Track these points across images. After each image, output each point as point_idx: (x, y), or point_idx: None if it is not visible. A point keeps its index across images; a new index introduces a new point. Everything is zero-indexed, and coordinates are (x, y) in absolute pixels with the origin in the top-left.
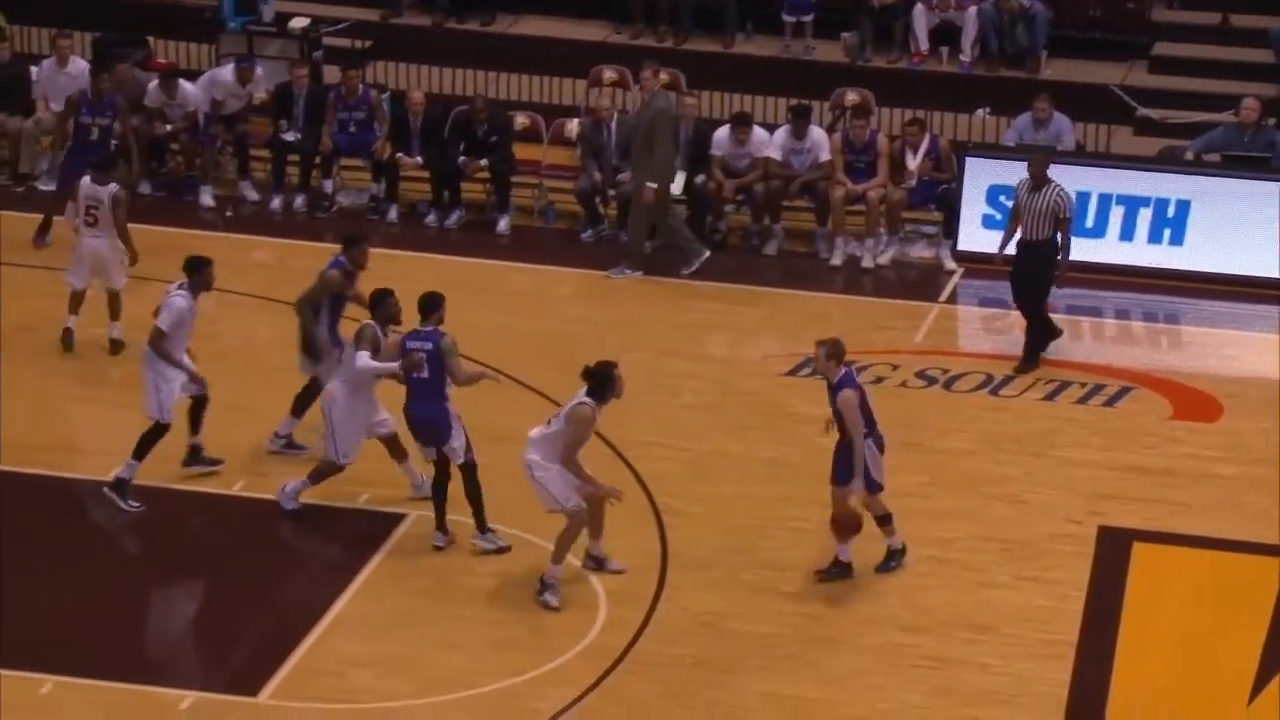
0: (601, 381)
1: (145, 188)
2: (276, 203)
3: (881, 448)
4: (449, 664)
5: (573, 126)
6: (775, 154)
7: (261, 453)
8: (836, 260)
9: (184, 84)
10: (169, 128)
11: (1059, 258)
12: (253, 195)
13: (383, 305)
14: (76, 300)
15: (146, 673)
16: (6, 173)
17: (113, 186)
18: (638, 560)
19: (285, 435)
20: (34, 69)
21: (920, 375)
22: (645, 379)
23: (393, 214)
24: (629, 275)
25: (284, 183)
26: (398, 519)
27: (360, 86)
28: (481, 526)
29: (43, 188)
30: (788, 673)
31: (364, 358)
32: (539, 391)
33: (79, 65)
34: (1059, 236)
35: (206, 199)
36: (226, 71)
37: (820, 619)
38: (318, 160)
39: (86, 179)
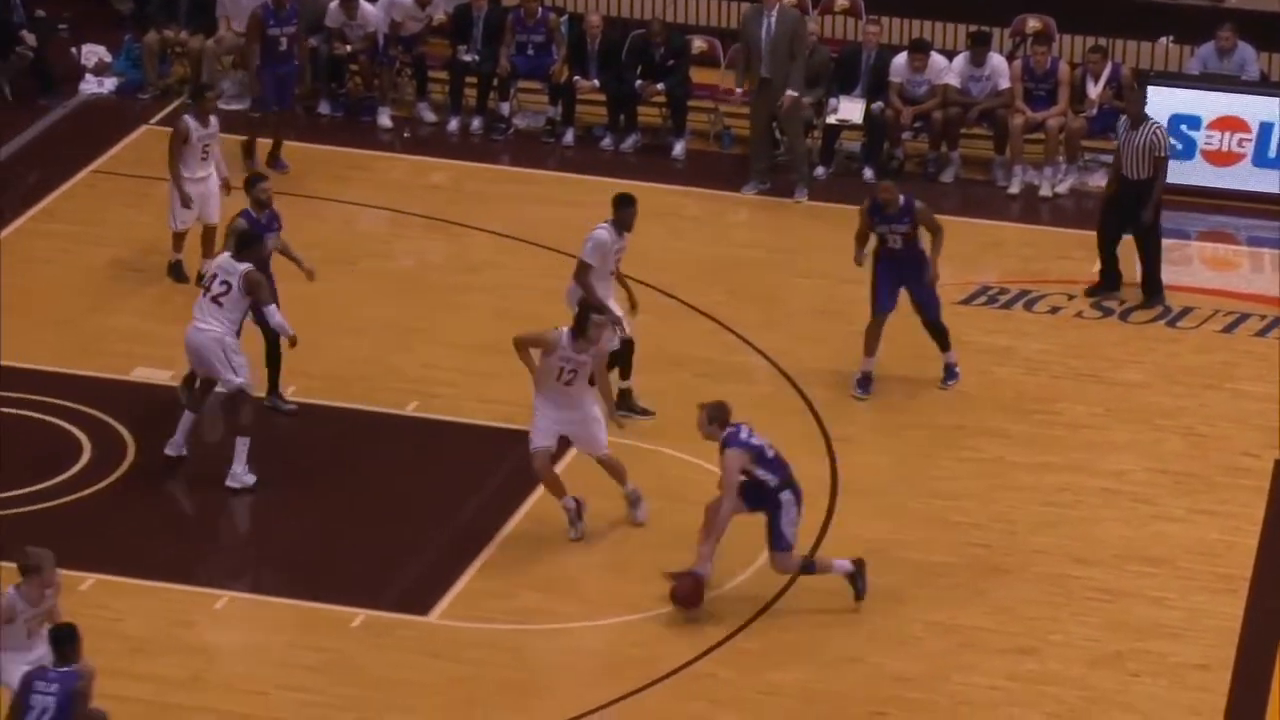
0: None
1: (324, 108)
2: (453, 124)
3: (799, 500)
4: (617, 588)
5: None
6: (954, 81)
7: (436, 374)
8: (1014, 189)
9: (364, 5)
10: (348, 48)
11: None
12: (430, 117)
13: None
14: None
15: (319, 590)
16: (187, 91)
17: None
18: (809, 487)
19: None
20: None
21: (1096, 305)
22: (818, 305)
23: (569, 137)
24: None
25: (461, 105)
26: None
27: (539, 9)
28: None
29: (223, 108)
30: (956, 602)
31: None
32: (711, 316)
33: None
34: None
35: (384, 120)
36: None
37: (991, 548)
38: (495, 82)
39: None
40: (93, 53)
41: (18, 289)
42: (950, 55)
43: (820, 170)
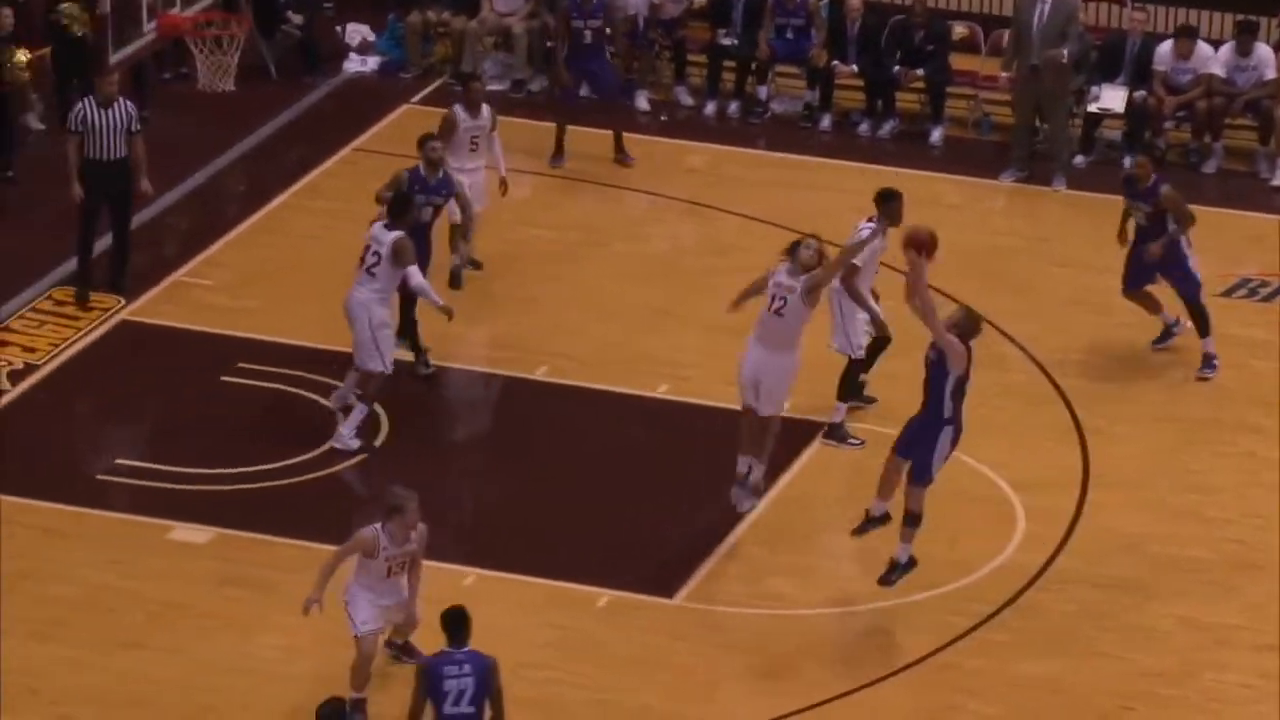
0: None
1: (584, 90)
2: (711, 108)
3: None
4: (862, 576)
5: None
6: (1219, 70)
7: (686, 357)
8: (1277, 181)
9: None
10: (609, 30)
11: None
12: (687, 100)
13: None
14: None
15: (565, 570)
16: (449, 70)
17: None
18: (1059, 477)
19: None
20: None
21: None
22: (1074, 295)
23: (826, 122)
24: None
25: (719, 88)
26: (816, 427)
27: None
28: None
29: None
30: (1210, 598)
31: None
32: (961, 303)
33: None
34: None
35: (642, 102)
36: None
37: (1247, 544)
38: (753, 66)
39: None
40: (356, 32)
41: (281, 263)
42: (1216, 45)
43: (1080, 159)
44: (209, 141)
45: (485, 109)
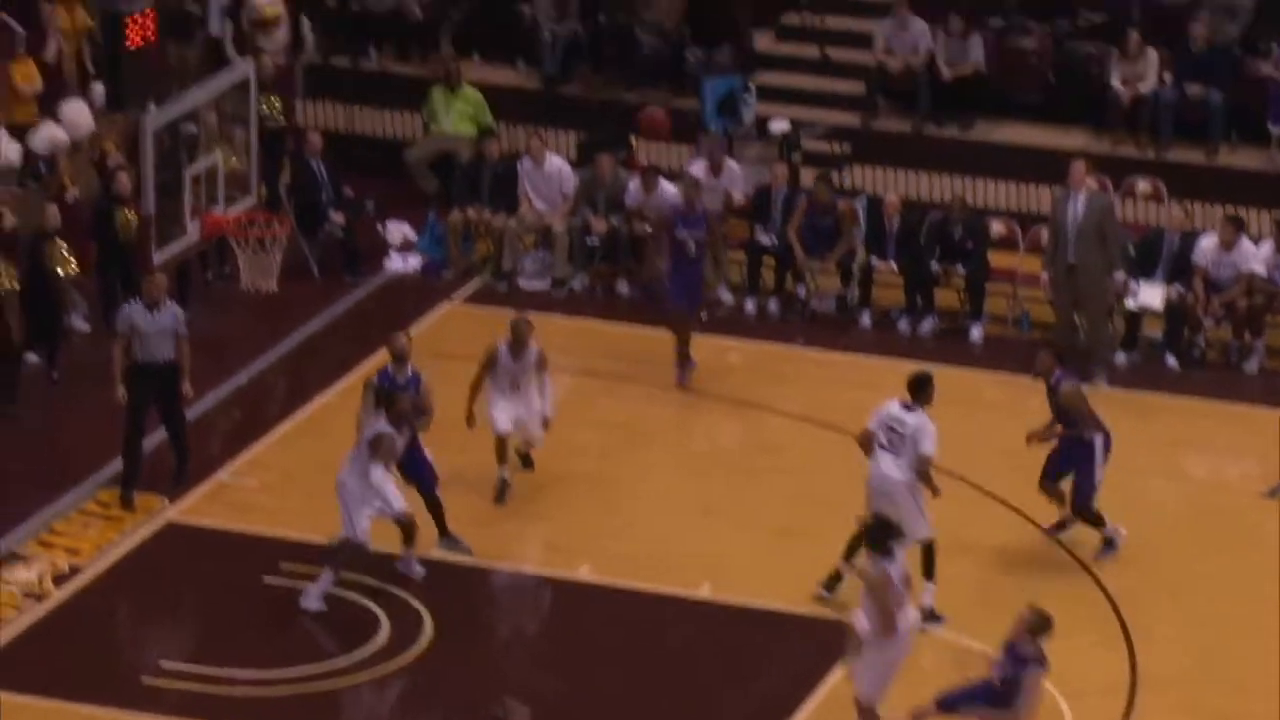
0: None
1: (623, 288)
2: (750, 305)
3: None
4: None
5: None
6: (1260, 268)
7: (730, 556)
8: None
9: (663, 183)
10: (648, 228)
11: None
12: (727, 297)
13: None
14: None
15: None
16: (490, 269)
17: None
18: (1107, 679)
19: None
20: (519, 167)
21: None
22: (1117, 496)
23: (865, 319)
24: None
25: (759, 285)
26: None
27: (828, 193)
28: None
29: (524, 285)
30: None
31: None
32: (1004, 501)
33: (555, 163)
34: None
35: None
36: (698, 168)
37: None
38: (792, 263)
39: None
40: (398, 230)
41: (323, 463)
42: (1256, 242)
43: (1122, 356)
44: (252, 340)
45: (532, 350)
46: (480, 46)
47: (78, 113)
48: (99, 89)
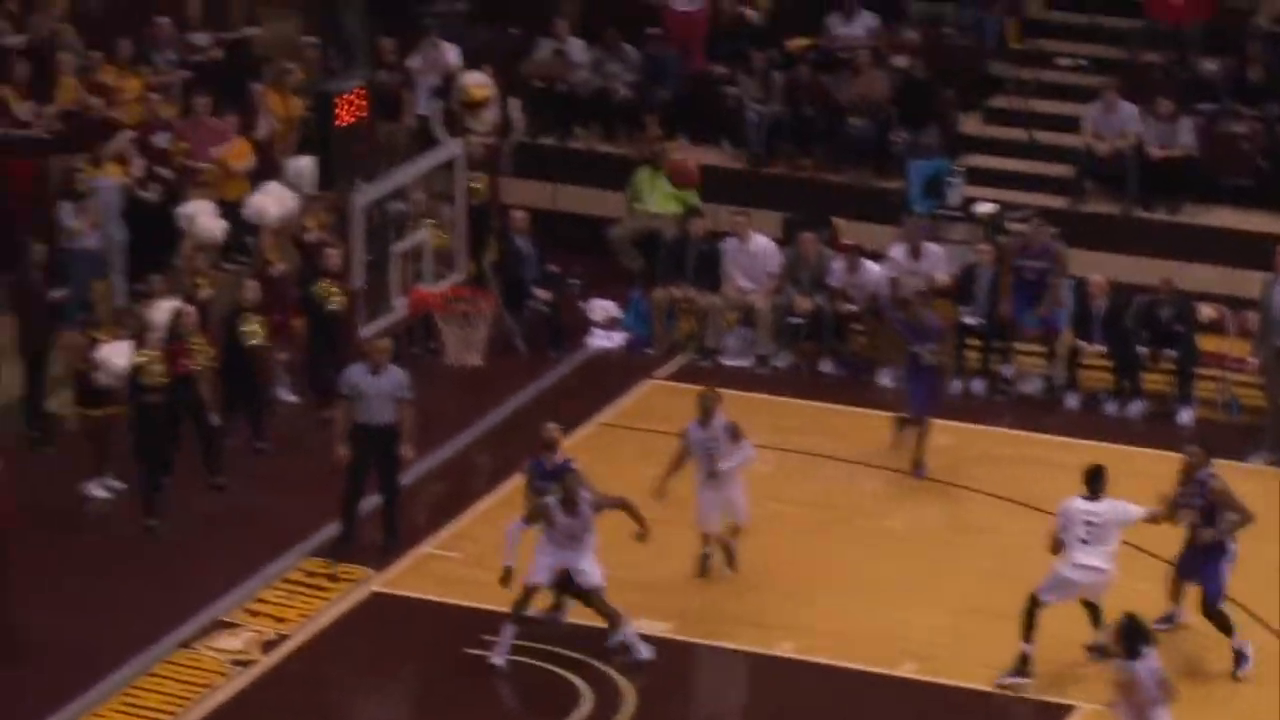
0: None
1: (826, 366)
2: (955, 386)
3: None
4: None
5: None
6: None
7: (932, 635)
8: None
9: (866, 263)
10: (852, 307)
11: None
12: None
13: None
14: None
15: None
16: (693, 346)
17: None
18: None
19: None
20: (723, 246)
21: None
22: None
23: (1073, 401)
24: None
25: (964, 365)
26: (1065, 710)
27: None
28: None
29: (727, 363)
30: None
31: None
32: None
33: (760, 242)
34: None
35: (885, 380)
36: (899, 251)
37: None
38: (997, 344)
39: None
40: (602, 308)
41: (525, 537)
42: None
43: None
44: (457, 415)
45: (719, 420)
46: (685, 126)
47: (282, 190)
48: (302, 162)
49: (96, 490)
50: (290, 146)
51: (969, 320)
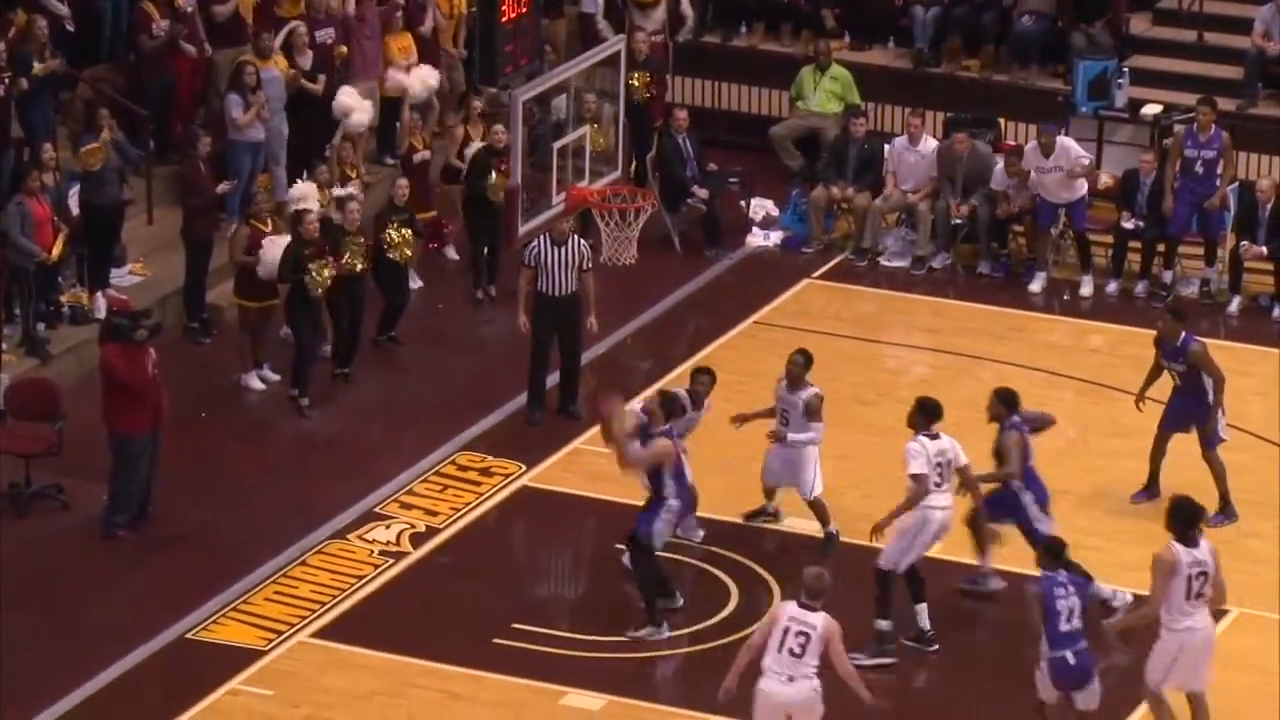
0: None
1: (984, 268)
2: (1113, 287)
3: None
4: None
5: None
6: None
7: (1084, 539)
8: None
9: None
10: (1014, 209)
11: None
12: (1088, 291)
13: None
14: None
15: None
16: (851, 246)
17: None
18: None
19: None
20: (887, 146)
21: None
22: None
23: (1234, 305)
24: None
25: (1124, 269)
26: None
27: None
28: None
29: (885, 263)
30: None
31: None
32: None
33: (929, 144)
34: None
35: (1035, 284)
36: (1031, 149)
37: None
38: (1159, 248)
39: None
40: (760, 206)
41: None
42: None
43: None
44: (612, 312)
45: (808, 390)
46: (851, 26)
47: (430, 71)
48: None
49: (253, 382)
50: (455, 41)
51: (1128, 225)
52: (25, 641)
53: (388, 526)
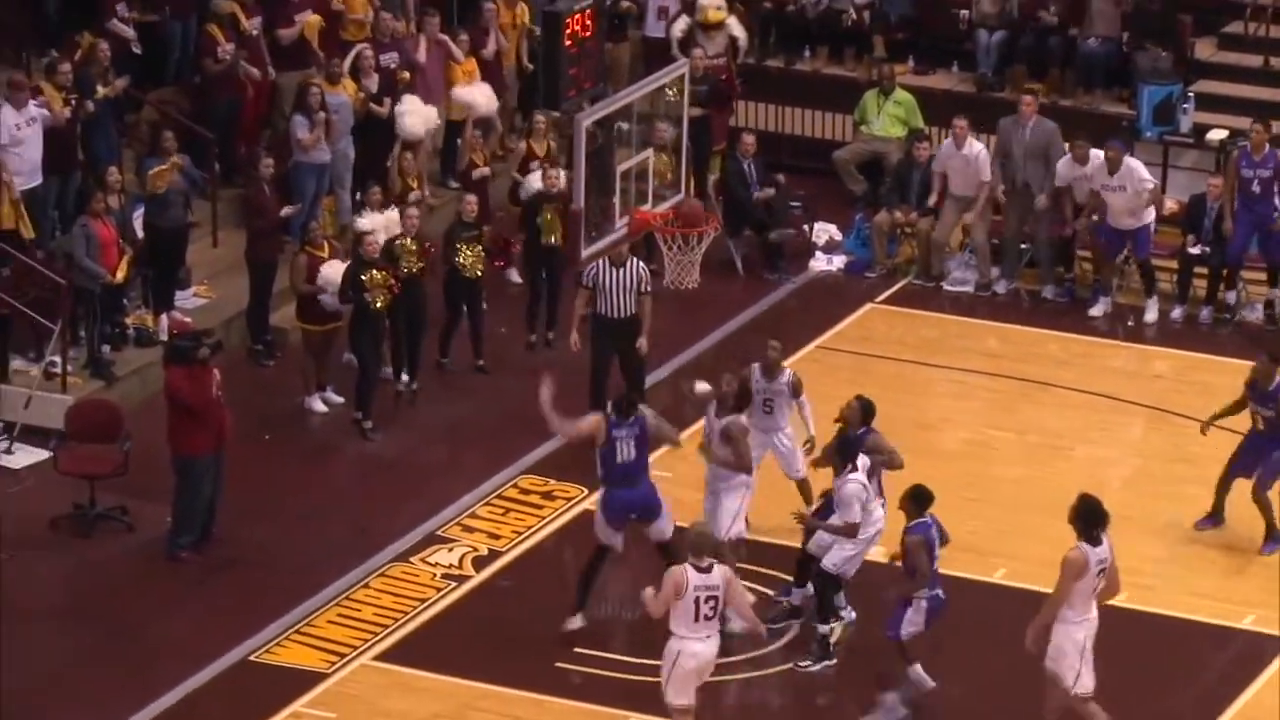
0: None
1: (1048, 293)
2: (1177, 313)
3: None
4: None
5: None
6: None
7: (1146, 565)
8: None
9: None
10: (1076, 227)
11: None
12: (1152, 315)
13: None
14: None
15: None
16: (915, 271)
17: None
18: None
19: None
20: (933, 155)
21: None
22: None
23: None
24: None
25: (1189, 295)
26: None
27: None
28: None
29: (948, 288)
30: None
31: None
32: None
33: (975, 148)
34: None
35: (1096, 309)
36: (1095, 165)
37: None
38: (1224, 273)
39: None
40: (824, 230)
41: None
42: None
43: None
44: (674, 336)
45: (786, 373)
46: (914, 49)
47: (480, 92)
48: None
49: (316, 404)
50: (519, 56)
51: (1193, 250)
52: (89, 662)
53: (450, 549)
